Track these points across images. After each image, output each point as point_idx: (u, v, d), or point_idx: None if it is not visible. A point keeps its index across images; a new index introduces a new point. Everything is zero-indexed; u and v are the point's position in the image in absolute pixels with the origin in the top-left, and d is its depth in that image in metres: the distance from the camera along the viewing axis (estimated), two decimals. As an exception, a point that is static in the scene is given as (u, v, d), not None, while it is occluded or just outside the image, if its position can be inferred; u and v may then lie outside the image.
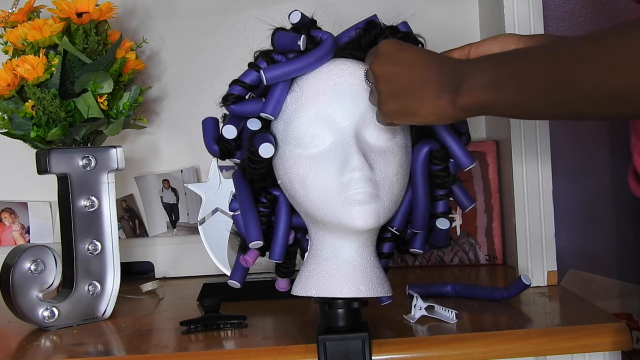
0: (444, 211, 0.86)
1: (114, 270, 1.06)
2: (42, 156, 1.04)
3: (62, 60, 1.09)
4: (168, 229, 1.39)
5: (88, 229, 1.05)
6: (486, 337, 0.85)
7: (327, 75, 0.80)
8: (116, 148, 1.07)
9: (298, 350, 0.84)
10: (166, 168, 1.39)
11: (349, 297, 0.79)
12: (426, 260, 1.33)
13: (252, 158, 0.81)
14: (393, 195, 0.79)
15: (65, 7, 1.10)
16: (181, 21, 1.39)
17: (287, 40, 0.82)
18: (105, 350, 0.92)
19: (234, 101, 0.82)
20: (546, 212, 1.08)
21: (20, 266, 1.00)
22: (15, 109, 1.10)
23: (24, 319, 1.01)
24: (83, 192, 1.05)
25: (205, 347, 0.88)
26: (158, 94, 1.39)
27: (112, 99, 1.14)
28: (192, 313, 1.02)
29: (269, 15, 0.85)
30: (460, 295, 1.03)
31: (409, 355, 0.84)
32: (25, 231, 1.38)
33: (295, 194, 0.80)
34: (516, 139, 1.09)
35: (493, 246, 1.32)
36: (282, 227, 0.84)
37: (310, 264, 0.82)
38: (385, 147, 0.79)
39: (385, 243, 0.87)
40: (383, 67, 0.73)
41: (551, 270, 1.08)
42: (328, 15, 0.94)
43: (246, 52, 0.86)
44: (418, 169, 0.83)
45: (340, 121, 0.78)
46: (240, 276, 0.87)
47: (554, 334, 0.85)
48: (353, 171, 0.76)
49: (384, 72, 0.73)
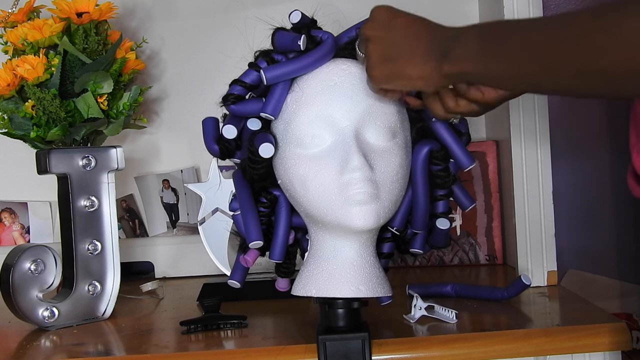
0: (444, 211, 0.86)
1: (114, 270, 1.06)
2: (42, 156, 1.04)
3: (62, 60, 1.09)
4: (168, 229, 1.39)
5: (88, 229, 1.05)
6: (486, 337, 0.85)
7: (327, 75, 0.80)
8: (116, 148, 1.07)
9: (298, 350, 0.84)
10: (166, 168, 1.39)
11: (349, 297, 0.79)
12: (426, 260, 1.33)
13: (252, 158, 0.81)
14: (393, 196, 0.79)
15: (65, 7, 1.10)
16: (181, 21, 1.39)
17: (288, 40, 0.82)
18: (105, 350, 0.92)
19: (234, 101, 0.82)
20: (546, 212, 1.08)
21: (20, 266, 1.00)
22: (15, 109, 1.10)
23: (24, 319, 1.01)
24: (83, 192, 1.05)
25: (205, 347, 0.88)
26: (158, 94, 1.39)
27: (112, 99, 1.14)
28: (192, 313, 1.02)
29: (269, 15, 0.85)
30: (460, 295, 1.03)
31: (409, 355, 0.84)
32: (25, 231, 1.38)
33: (295, 194, 0.80)
34: (516, 139, 1.09)
35: (493, 246, 1.32)
36: (282, 227, 0.84)
37: (310, 264, 0.82)
38: (385, 147, 0.79)
39: (385, 243, 0.87)
40: (375, 31, 0.74)
41: (551, 270, 1.08)
42: (328, 15, 0.94)
43: (246, 52, 0.86)
44: (418, 169, 0.83)
45: (340, 121, 0.78)
46: (240, 276, 0.87)
47: (554, 334, 0.85)
48: (353, 171, 0.76)
49: (375, 36, 0.74)
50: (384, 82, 0.75)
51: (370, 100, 0.79)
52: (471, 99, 0.79)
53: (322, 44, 0.81)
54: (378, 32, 0.74)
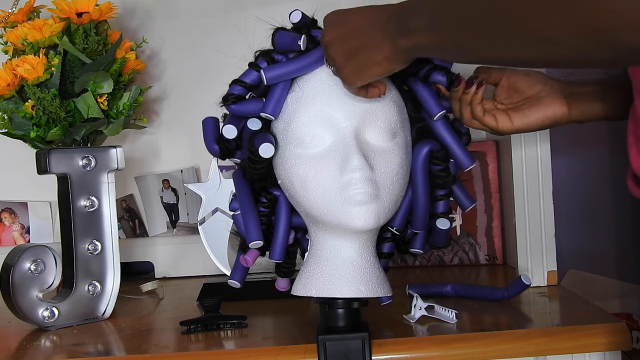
0: (444, 211, 0.86)
1: (114, 270, 1.06)
2: (42, 156, 1.04)
3: (62, 60, 1.09)
4: (168, 229, 1.39)
5: (88, 229, 1.05)
6: (486, 337, 0.85)
7: (327, 75, 0.80)
8: (116, 148, 1.07)
9: (298, 350, 0.84)
10: (166, 168, 1.39)
11: (349, 297, 0.79)
12: (426, 260, 1.33)
13: (252, 158, 0.81)
14: (393, 196, 0.79)
15: (65, 7, 1.10)
16: (181, 21, 1.39)
17: (288, 40, 0.82)
18: (105, 350, 0.92)
19: (234, 101, 0.82)
20: (546, 212, 1.08)
21: (20, 266, 1.00)
22: (15, 109, 1.10)
23: (24, 319, 1.01)
24: (83, 192, 1.05)
25: (205, 347, 0.88)
26: (158, 94, 1.39)
27: (112, 99, 1.14)
28: (192, 313, 1.02)
29: (269, 15, 0.85)
30: (460, 295, 1.03)
31: (409, 355, 0.84)
32: (25, 231, 1.38)
33: (295, 194, 0.80)
34: (516, 139, 1.09)
35: (493, 246, 1.32)
36: (282, 227, 0.84)
37: (310, 264, 0.82)
38: (385, 147, 0.79)
39: (385, 243, 0.87)
40: (330, 35, 0.74)
41: (551, 270, 1.08)
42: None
43: (246, 51, 0.86)
44: (418, 169, 0.83)
45: (340, 121, 0.78)
46: (240, 276, 0.87)
47: (554, 334, 0.85)
48: (353, 171, 0.76)
49: (332, 39, 0.74)
50: (356, 77, 0.74)
51: (370, 100, 0.79)
52: (486, 125, 0.83)
53: (322, 44, 0.81)
54: (333, 34, 0.74)
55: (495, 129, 0.84)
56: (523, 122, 0.83)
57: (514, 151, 1.09)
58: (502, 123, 0.84)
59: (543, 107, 0.83)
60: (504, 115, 0.84)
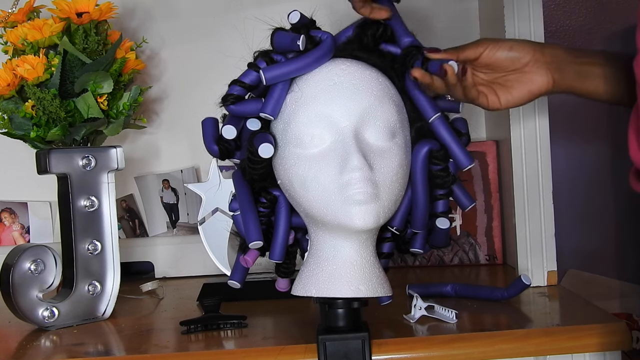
0: (444, 211, 0.86)
1: (114, 270, 1.07)
2: (42, 156, 1.04)
3: (62, 60, 1.09)
4: (168, 229, 1.39)
5: (88, 229, 1.05)
6: (486, 337, 0.85)
7: (326, 75, 0.80)
8: (116, 148, 1.07)
9: (298, 350, 0.84)
10: (166, 168, 1.39)
11: (349, 297, 0.79)
12: (426, 260, 1.33)
13: (252, 158, 0.81)
14: (393, 195, 0.79)
15: (65, 7, 1.10)
16: (181, 21, 1.39)
17: (287, 40, 0.82)
18: (105, 350, 0.92)
19: (233, 101, 0.82)
20: (546, 212, 1.08)
21: (20, 266, 1.00)
22: (15, 109, 1.10)
23: (24, 319, 1.01)
24: (83, 192, 1.05)
25: (205, 347, 0.88)
26: (158, 94, 1.39)
27: (112, 99, 1.14)
28: (192, 313, 1.02)
29: (268, 15, 0.85)
30: (460, 295, 1.03)
31: (409, 355, 0.84)
32: (25, 231, 1.38)
33: (295, 194, 0.80)
34: (516, 139, 1.09)
35: (493, 246, 1.32)
36: (282, 227, 0.84)
37: (310, 264, 0.82)
38: (385, 147, 0.79)
39: (385, 243, 0.87)
40: None
41: (551, 270, 1.08)
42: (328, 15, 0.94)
43: (246, 52, 0.86)
44: (418, 169, 0.83)
45: (339, 121, 0.78)
46: (240, 276, 0.87)
47: (554, 334, 0.85)
48: (353, 171, 0.76)
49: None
50: None
51: (369, 100, 0.79)
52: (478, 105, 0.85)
53: (321, 44, 0.81)
54: None
55: (486, 108, 0.88)
56: (509, 100, 0.87)
57: (514, 151, 1.09)
58: (492, 103, 0.87)
59: (527, 83, 0.86)
60: (492, 94, 0.87)
